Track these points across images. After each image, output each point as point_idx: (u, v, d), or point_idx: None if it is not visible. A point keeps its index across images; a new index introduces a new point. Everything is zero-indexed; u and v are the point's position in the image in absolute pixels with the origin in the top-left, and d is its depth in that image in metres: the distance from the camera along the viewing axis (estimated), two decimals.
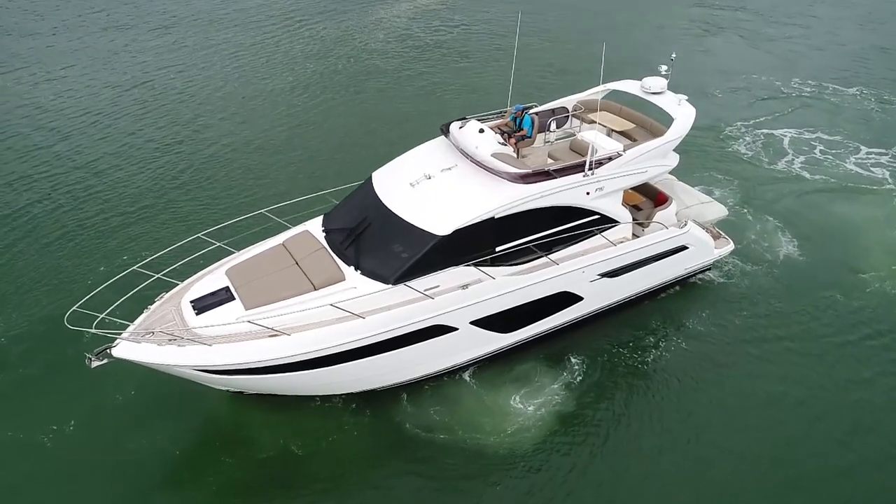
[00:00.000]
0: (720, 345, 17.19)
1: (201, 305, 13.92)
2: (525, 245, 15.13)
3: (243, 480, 13.39)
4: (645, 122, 17.70)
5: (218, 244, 15.37)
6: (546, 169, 14.99)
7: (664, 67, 17.82)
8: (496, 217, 14.56)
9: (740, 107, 30.41)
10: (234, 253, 15.59)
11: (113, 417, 14.29)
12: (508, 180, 14.73)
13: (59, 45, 36.14)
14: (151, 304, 14.22)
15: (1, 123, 27.84)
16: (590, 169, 15.31)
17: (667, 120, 17.21)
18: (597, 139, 16.16)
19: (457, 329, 15.01)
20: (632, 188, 18.24)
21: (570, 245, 16.01)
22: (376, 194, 15.46)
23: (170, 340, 13.22)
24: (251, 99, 30.52)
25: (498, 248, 14.94)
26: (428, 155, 16.22)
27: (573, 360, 16.53)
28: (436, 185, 15.19)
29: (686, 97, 17.59)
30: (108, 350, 12.97)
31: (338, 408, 14.90)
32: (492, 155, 15.36)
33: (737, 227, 21.55)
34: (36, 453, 13.61)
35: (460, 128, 16.26)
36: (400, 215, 14.71)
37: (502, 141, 16.30)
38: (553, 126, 17.51)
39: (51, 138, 26.77)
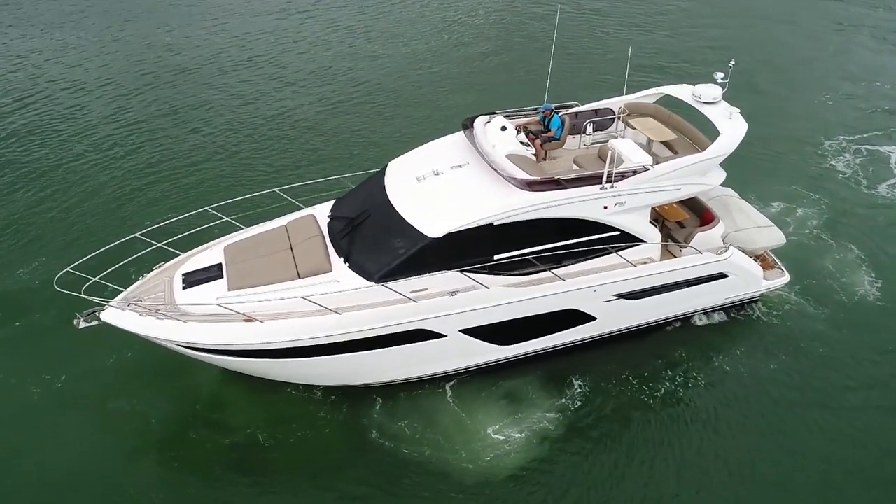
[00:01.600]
0: (745, 391, 15.40)
1: (191, 280, 14.05)
2: (527, 256, 14.11)
3: (205, 461, 13.49)
4: (693, 133, 15.93)
5: (225, 219, 15.40)
6: (555, 177, 13.81)
7: (720, 75, 15.92)
8: (495, 224, 13.62)
9: (850, 117, 27.07)
10: (241, 229, 15.62)
11: (103, 377, 14.82)
12: (515, 185, 13.72)
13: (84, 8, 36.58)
14: (148, 273, 14.53)
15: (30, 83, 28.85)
16: (608, 182, 13.97)
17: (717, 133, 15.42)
18: (625, 149, 14.71)
19: (444, 336, 14.30)
20: (677, 203, 16.79)
21: (583, 261, 14.78)
22: (383, 185, 14.92)
23: (152, 311, 13.46)
24: (291, 73, 30.03)
25: (496, 257, 14.02)
26: (445, 149, 15.43)
27: (575, 383, 15.39)
28: (442, 182, 14.42)
29: (739, 110, 15.64)
30: (96, 313, 13.38)
31: (316, 400, 14.67)
32: (507, 156, 14.37)
33: (810, 254, 19.39)
34: (22, 400, 14.39)
35: (486, 123, 15.38)
36: (398, 210, 14.11)
37: (525, 141, 15.26)
38: (589, 129, 16.13)
39: (80, 101, 27.25)
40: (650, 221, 15.32)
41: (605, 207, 14.30)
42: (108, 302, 13.50)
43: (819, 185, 22.82)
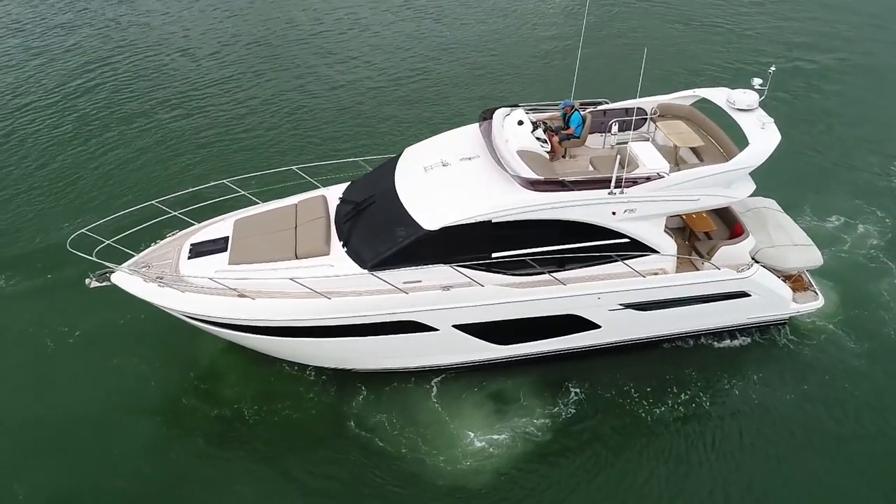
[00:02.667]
0: (754, 420, 14.50)
1: (197, 250, 14.43)
2: (526, 257, 13.70)
3: (190, 428, 13.95)
4: (724, 141, 14.92)
5: (242, 192, 15.69)
6: (560, 178, 13.29)
7: (758, 81, 14.80)
8: (493, 221, 13.28)
9: None
10: (257, 204, 15.91)
11: (113, 335, 15.52)
12: (519, 183, 13.30)
13: None
14: (161, 240, 15.03)
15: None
16: (617, 187, 13.32)
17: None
18: (642, 153, 13.99)
19: (437, 330, 14.14)
20: (706, 213, 15.91)
21: (587, 266, 14.22)
22: (393, 172, 14.81)
23: (156, 278, 13.95)
24: (337, 53, 29.86)
25: (494, 255, 13.68)
26: (461, 139, 15.10)
27: (572, 390, 14.92)
28: (448, 173, 14.15)
29: (773, 120, 14.51)
30: (107, 274, 14.00)
31: (307, 380, 14.86)
32: (518, 151, 13.94)
33: (863, 278, 17.97)
34: (36, 349, 15.31)
35: (506, 116, 14.98)
36: (401, 199, 13.98)
37: (543, 137, 14.75)
38: (614, 128, 15.40)
39: (118, 72, 28.06)
40: (667, 230, 14.53)
41: (614, 213, 13.66)
42: (118, 266, 14.08)
43: (886, 201, 21.03)
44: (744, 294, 15.25)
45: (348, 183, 15.90)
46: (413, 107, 25.74)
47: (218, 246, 14.47)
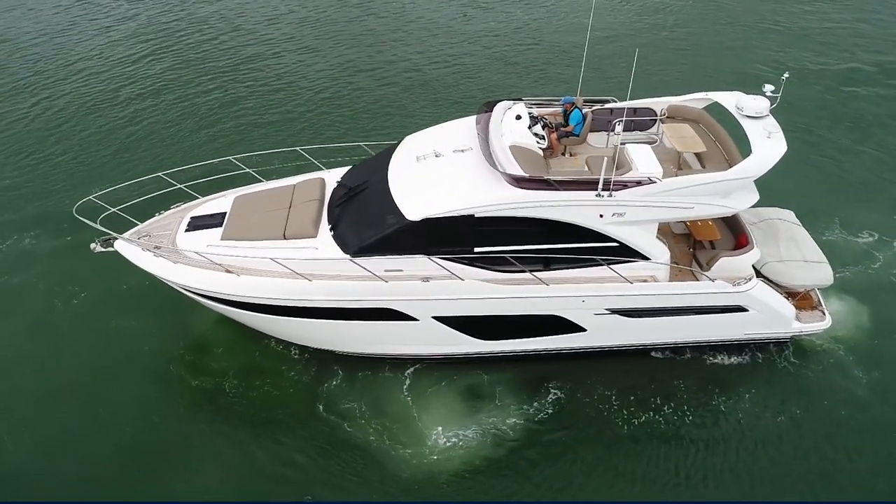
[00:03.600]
0: (737, 441, 14.00)
1: (195, 224, 14.89)
2: (509, 254, 13.56)
3: (173, 395, 14.54)
4: (729, 148, 14.27)
5: (247, 170, 16.06)
6: (546, 177, 13.04)
7: (769, 88, 14.09)
8: (476, 216, 13.18)
9: None
10: (260, 182, 16.26)
11: (116, 299, 16.26)
12: (505, 179, 13.14)
13: None
14: (165, 211, 15.57)
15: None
16: (605, 189, 12.99)
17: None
18: (637, 156, 13.58)
19: (417, 320, 14.20)
20: (712, 221, 15.38)
21: (574, 268, 13.97)
22: (389, 160, 14.87)
23: (153, 248, 14.49)
24: (350, 34, 29.99)
25: (477, 250, 13.60)
26: (458, 130, 15.00)
27: (552, 392, 14.75)
28: (439, 164, 14.10)
29: (781, 130, 13.79)
30: (111, 241, 14.64)
31: (290, 357, 15.22)
32: (511, 146, 13.77)
33: (890, 301, 16.93)
34: (42, 308, 16.26)
35: (507, 109, 14.81)
36: (390, 187, 14.04)
37: (541, 133, 14.50)
38: (618, 128, 14.96)
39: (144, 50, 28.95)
40: (660, 237, 14.10)
41: (601, 216, 13.35)
42: (120, 234, 14.69)
43: None
44: (740, 309, 14.68)
45: (350, 167, 16.07)
46: (426, 94, 25.79)
47: (215, 221, 14.88)
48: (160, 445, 13.64)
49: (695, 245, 15.77)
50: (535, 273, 13.80)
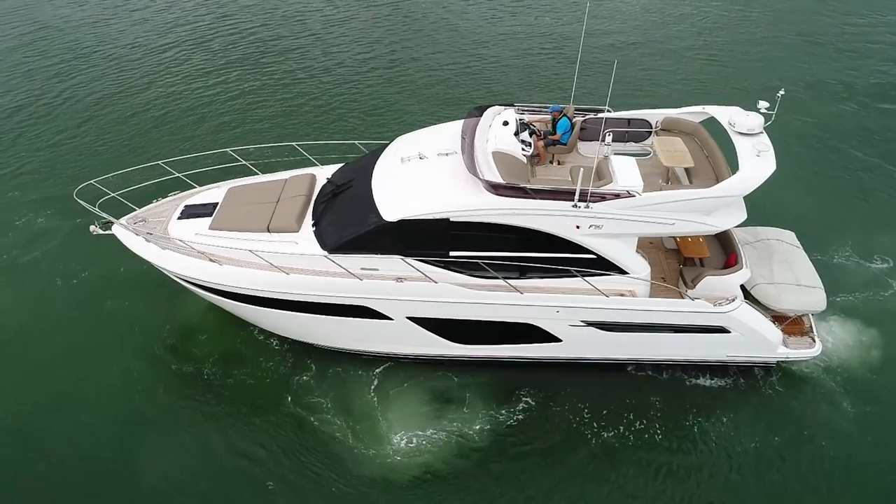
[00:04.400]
0: (708, 464, 13.70)
1: (188, 212, 15.33)
2: (484, 260, 13.56)
3: (153, 377, 15.03)
4: (720, 165, 13.95)
5: (243, 162, 16.46)
6: (522, 185, 12.98)
7: (764, 105, 13.71)
8: (452, 220, 13.23)
9: None
10: (255, 175, 16.63)
11: (113, 280, 16.88)
12: (483, 185, 13.15)
13: None
14: (163, 198, 16.06)
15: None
16: (582, 200, 12.87)
17: None
18: (619, 168, 13.40)
19: (391, 319, 14.34)
20: (703, 237, 15.10)
21: (550, 278, 13.88)
22: (377, 160, 15.03)
23: (146, 233, 14.98)
24: (362, 33, 30.31)
25: (452, 254, 13.64)
26: (447, 133, 15.05)
27: (523, 399, 14.71)
28: (422, 167, 14.18)
29: (771, 149, 13.39)
30: (109, 224, 15.20)
31: (271, 348, 15.57)
32: (494, 152, 13.78)
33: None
34: (44, 285, 17.04)
35: (497, 114, 14.85)
36: (372, 187, 14.21)
37: (528, 141, 14.47)
38: (608, 139, 14.79)
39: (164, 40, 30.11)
40: (639, 251, 13.91)
41: (578, 227, 13.23)
42: (116, 219, 15.23)
43: None
44: (722, 330, 14.36)
45: (342, 164, 16.29)
46: (429, 95, 25.94)
47: (206, 210, 15.29)
48: (136, 422, 14.18)
49: (684, 262, 15.50)
50: (509, 280, 13.78)
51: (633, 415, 14.52)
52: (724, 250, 15.49)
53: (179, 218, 15.19)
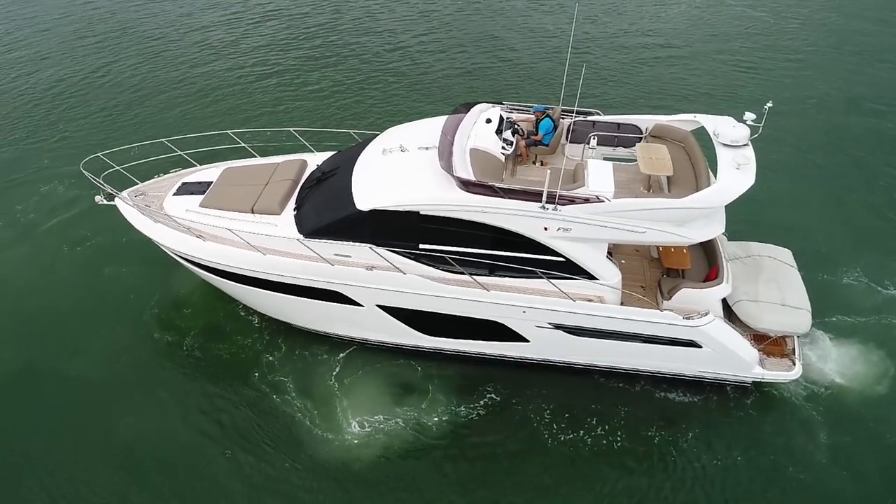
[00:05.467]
0: (664, 475, 13.51)
1: (184, 189, 15.96)
2: (451, 255, 13.68)
3: (138, 343, 15.89)
4: (702, 176, 13.63)
5: (242, 144, 17.00)
6: (491, 183, 13.02)
7: (751, 117, 13.32)
8: (421, 213, 13.39)
9: None
10: (253, 157, 17.15)
11: (115, 249, 17.81)
12: (454, 181, 13.26)
13: None
14: (164, 174, 16.76)
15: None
16: (549, 202, 12.83)
17: None
18: (593, 173, 13.28)
19: (362, 306, 14.63)
20: (687, 249, 14.83)
21: (519, 277, 13.89)
22: (363, 150, 15.31)
23: (145, 206, 15.69)
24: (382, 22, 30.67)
25: (422, 247, 13.81)
26: (432, 127, 15.16)
27: (487, 395, 14.81)
28: (401, 159, 14.38)
29: (752, 163, 12.99)
30: (113, 195, 16.00)
31: (251, 325, 16.18)
32: (472, 149, 13.88)
33: None
34: (51, 252, 18.18)
35: (483, 112, 14.95)
36: (352, 176, 14.50)
37: (510, 139, 14.47)
38: (592, 142, 14.65)
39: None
40: (611, 258, 13.80)
41: (546, 229, 13.20)
42: (119, 191, 16.01)
43: None
44: (693, 344, 14.09)
45: (334, 153, 16.65)
46: (433, 89, 26.18)
47: (201, 188, 15.89)
48: (116, 381, 15.11)
49: (667, 272, 15.24)
50: (477, 277, 13.86)
51: (595, 420, 14.43)
52: (708, 263, 15.16)
53: (175, 194, 15.83)
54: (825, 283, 17.44)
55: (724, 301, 14.86)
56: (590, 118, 15.32)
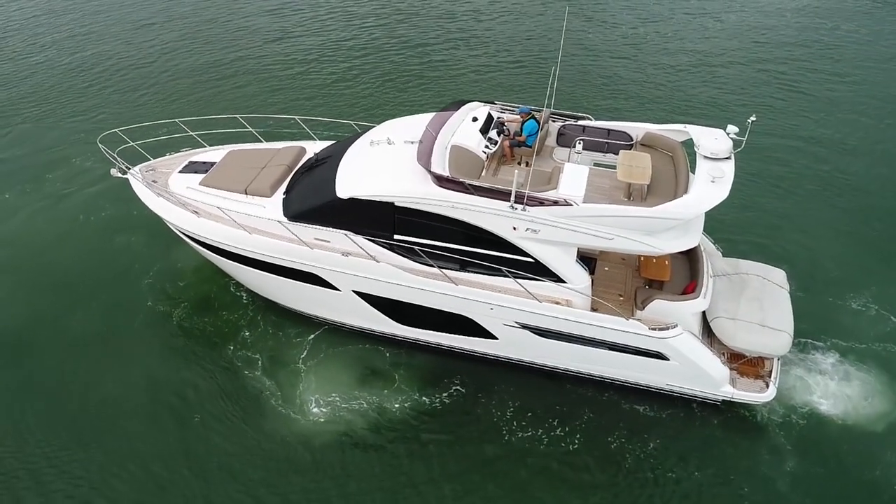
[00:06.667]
0: (615, 481, 13.47)
1: (189, 168, 16.82)
2: (422, 248, 13.99)
3: (133, 307, 16.83)
4: (681, 186, 13.49)
5: (250, 129, 17.78)
6: (462, 180, 13.26)
7: (734, 130, 13.12)
8: (396, 204, 13.77)
9: None
10: (259, 142, 17.88)
11: (127, 219, 18.86)
12: (430, 176, 13.57)
13: None
14: (175, 153, 17.68)
15: None
16: (518, 202, 12.99)
17: None
18: (568, 176, 13.39)
19: (338, 290, 15.10)
20: (668, 260, 14.74)
21: (489, 275, 14.09)
22: (356, 140, 15.79)
23: (152, 181, 16.62)
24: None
25: (396, 237, 14.18)
26: (421, 122, 15.49)
27: (452, 387, 15.07)
28: (386, 151, 14.80)
29: (729, 178, 12.78)
30: (127, 169, 17.01)
31: (238, 302, 16.97)
32: (453, 146, 14.17)
33: None
34: (68, 220, 19.41)
35: (473, 109, 15.24)
36: (339, 164, 14.99)
37: (495, 139, 14.70)
38: (578, 146, 14.70)
39: None
40: (579, 261, 13.81)
41: (515, 228, 13.37)
42: (131, 166, 17.01)
43: None
44: (660, 356, 13.97)
45: (333, 142, 17.21)
46: (439, 84, 26.55)
47: (204, 168, 16.71)
48: (108, 338, 16.19)
49: (650, 283, 15.15)
50: (446, 271, 14.13)
51: (556, 422, 14.49)
52: (692, 277, 14.98)
53: (180, 172, 16.70)
54: (830, 307, 16.97)
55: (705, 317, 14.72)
56: (580, 123, 15.38)
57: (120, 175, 16.82)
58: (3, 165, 21.94)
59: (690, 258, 15.46)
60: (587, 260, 15.64)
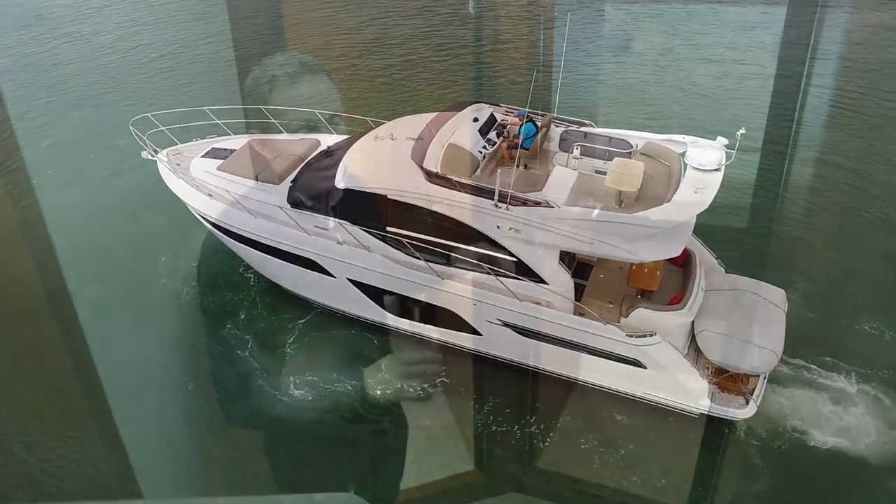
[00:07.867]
0: (578, 482, 13.71)
1: (210, 153, 17.85)
2: (411, 241, 14.50)
3: (145, 280, 17.94)
4: (669, 197, 13.57)
5: (272, 121, 18.69)
6: (449, 177, 13.72)
7: (722, 141, 13.14)
8: (389, 197, 14.34)
9: None
10: (280, 133, 18.78)
11: (155, 200, 19.57)
12: (422, 171, 14.09)
13: None
14: (202, 139, 18.76)
15: None
16: (502, 201, 13.36)
17: None
18: (555, 179, 13.77)
19: (334, 277, 15.76)
20: (660, 271, 14.81)
21: (476, 271, 14.48)
22: (365, 135, 16.44)
23: (175, 165, 17.73)
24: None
25: (389, 229, 14.74)
26: (425, 121, 15.99)
27: (437, 379, 15.42)
28: (388, 146, 15.36)
29: (711, 189, 12.80)
30: (156, 152, 18.17)
31: (247, 283, 17.76)
32: (449, 144, 14.67)
33: None
34: (99, 192, 20.85)
35: (478, 111, 15.72)
36: (345, 156, 15.67)
37: (493, 140, 15.13)
38: (576, 151, 14.96)
39: None
40: (562, 264, 14.03)
41: (499, 227, 13.74)
42: (160, 149, 18.17)
43: None
44: (638, 363, 14.05)
45: (347, 136, 17.97)
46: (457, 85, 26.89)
47: (224, 154, 17.71)
48: (119, 309, 17.31)
49: (642, 292, 15.23)
50: (433, 265, 14.59)
51: (533, 419, 14.63)
52: (682, 289, 14.98)
53: (202, 156, 17.74)
54: (840, 329, 16.50)
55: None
56: (582, 129, 15.61)
57: (150, 157, 17.97)
58: (51, 144, 23.69)
59: (685, 271, 15.45)
60: (584, 266, 15.89)
